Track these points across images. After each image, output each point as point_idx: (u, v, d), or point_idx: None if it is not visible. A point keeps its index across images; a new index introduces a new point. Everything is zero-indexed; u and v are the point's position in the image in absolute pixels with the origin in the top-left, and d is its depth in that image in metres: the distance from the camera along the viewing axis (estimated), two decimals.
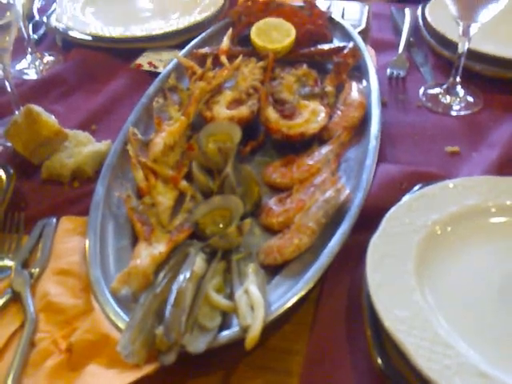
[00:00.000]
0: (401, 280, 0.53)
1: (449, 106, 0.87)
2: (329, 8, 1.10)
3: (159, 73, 0.93)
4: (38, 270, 0.62)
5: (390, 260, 0.55)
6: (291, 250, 0.60)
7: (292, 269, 0.60)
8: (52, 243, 0.66)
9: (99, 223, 0.65)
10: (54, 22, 1.11)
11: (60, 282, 0.61)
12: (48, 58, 1.03)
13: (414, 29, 1.04)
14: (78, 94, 0.95)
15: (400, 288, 0.52)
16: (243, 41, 0.97)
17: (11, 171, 0.72)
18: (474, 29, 0.82)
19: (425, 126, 0.83)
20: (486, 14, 0.79)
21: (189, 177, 0.72)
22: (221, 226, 0.64)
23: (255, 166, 0.76)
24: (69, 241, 0.65)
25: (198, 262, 0.58)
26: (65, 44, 1.07)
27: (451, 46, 0.93)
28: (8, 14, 0.77)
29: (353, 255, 0.61)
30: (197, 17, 1.08)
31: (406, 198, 0.63)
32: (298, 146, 0.77)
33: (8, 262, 0.64)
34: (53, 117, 0.83)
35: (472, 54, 0.89)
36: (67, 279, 0.61)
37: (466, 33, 0.82)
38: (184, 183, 0.70)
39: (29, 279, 0.61)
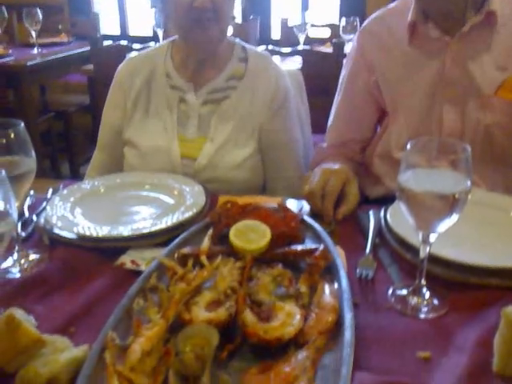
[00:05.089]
0: None
1: (417, 309, 0.90)
2: (301, 210, 1.20)
3: (141, 271, 0.97)
4: None
5: None
6: None
7: None
8: None
9: None
10: (42, 221, 1.17)
11: None
12: (33, 256, 1.06)
13: (380, 230, 1.13)
14: (59, 293, 0.96)
15: None
16: (223, 238, 1.04)
17: None
18: (433, 237, 0.89)
19: (396, 329, 0.85)
20: (442, 226, 0.86)
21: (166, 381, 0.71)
22: None
23: (232, 372, 0.76)
24: None
25: None
26: (52, 242, 1.12)
27: (413, 249, 1.00)
28: (3, 224, 0.82)
29: None
30: (180, 217, 1.16)
31: None
32: (273, 349, 0.79)
33: None
34: (33, 320, 0.85)
35: (434, 258, 0.95)
36: None
37: (425, 240, 0.89)
38: None
39: None
